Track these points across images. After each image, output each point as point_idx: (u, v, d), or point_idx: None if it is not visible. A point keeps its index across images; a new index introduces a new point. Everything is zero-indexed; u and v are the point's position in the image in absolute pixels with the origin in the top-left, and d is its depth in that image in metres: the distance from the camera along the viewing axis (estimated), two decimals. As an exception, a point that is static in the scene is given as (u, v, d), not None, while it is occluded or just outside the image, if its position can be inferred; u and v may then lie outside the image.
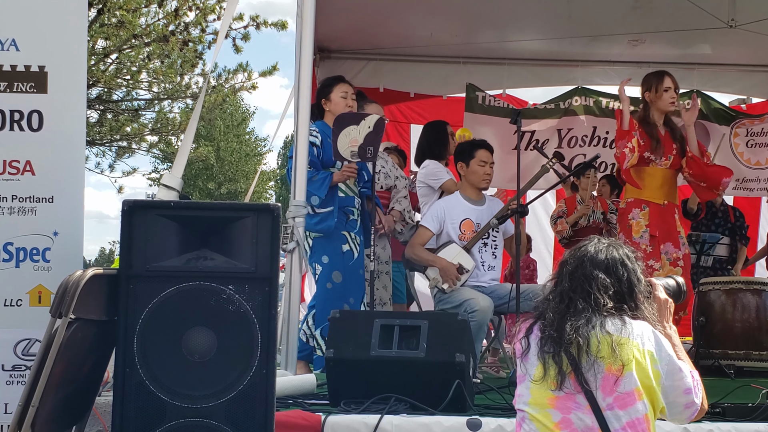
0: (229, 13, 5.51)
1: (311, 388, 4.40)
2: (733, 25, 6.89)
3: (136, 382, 3.32)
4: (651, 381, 2.66)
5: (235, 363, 3.32)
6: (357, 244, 5.42)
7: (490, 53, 8.34)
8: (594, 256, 2.78)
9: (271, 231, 3.38)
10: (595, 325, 2.66)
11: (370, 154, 5.12)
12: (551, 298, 2.79)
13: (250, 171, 33.20)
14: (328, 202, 5.26)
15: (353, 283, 5.35)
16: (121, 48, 12.09)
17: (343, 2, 6.95)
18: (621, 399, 2.62)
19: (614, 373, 2.62)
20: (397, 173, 6.22)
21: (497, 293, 5.38)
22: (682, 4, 6.70)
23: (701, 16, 6.87)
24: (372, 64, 8.39)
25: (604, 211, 7.77)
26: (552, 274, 2.90)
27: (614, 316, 2.70)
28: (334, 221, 5.28)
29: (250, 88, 13.11)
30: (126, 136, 13.36)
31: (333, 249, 5.27)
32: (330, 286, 5.23)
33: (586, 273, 2.75)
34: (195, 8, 12.04)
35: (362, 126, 5.10)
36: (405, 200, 6.12)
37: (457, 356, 3.93)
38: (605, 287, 2.73)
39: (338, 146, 5.06)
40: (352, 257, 5.37)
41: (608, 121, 8.54)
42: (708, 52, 8.19)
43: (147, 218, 3.38)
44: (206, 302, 3.33)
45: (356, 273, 5.39)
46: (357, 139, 5.08)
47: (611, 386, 2.62)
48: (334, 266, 5.26)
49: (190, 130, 4.74)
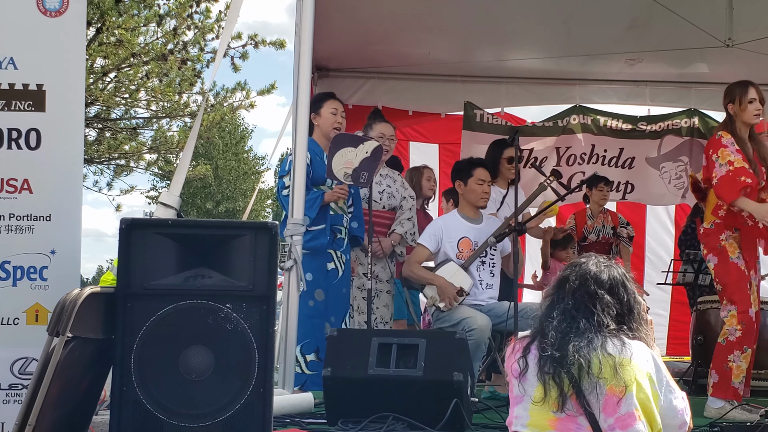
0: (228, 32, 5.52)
1: (309, 407, 4.38)
2: (730, 45, 6.91)
3: (133, 401, 3.32)
4: (650, 402, 2.66)
5: (233, 382, 3.32)
6: (342, 263, 5.41)
7: (488, 72, 8.37)
8: (597, 275, 2.76)
9: (269, 249, 3.38)
10: (597, 347, 2.64)
11: (364, 179, 5.10)
12: (554, 317, 2.75)
13: (248, 189, 33.19)
14: (320, 220, 5.26)
15: (335, 301, 5.34)
16: (119, 66, 12.12)
17: (341, 21, 6.97)
18: (622, 420, 2.61)
19: (616, 395, 2.61)
20: (405, 193, 6.12)
21: (495, 312, 5.36)
22: (679, 24, 6.72)
23: (698, 36, 6.89)
24: (370, 83, 8.41)
25: (615, 225, 7.75)
26: (548, 290, 2.88)
27: (614, 336, 2.69)
28: (326, 239, 5.28)
29: (248, 107, 13.16)
30: (124, 154, 13.36)
31: (317, 266, 5.26)
32: (312, 304, 5.21)
33: (590, 292, 2.73)
34: (194, 27, 12.09)
35: (360, 150, 5.08)
36: (408, 222, 6.03)
37: (455, 375, 3.92)
38: (609, 307, 2.72)
39: (333, 165, 5.04)
40: (336, 275, 5.36)
41: (606, 139, 8.59)
42: (705, 71, 8.22)
43: (145, 236, 3.38)
44: (204, 321, 3.33)
45: (339, 291, 5.38)
46: (352, 161, 5.06)
47: (613, 407, 2.60)
48: (318, 284, 5.25)
49: (188, 148, 4.74)
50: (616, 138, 8.59)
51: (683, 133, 8.54)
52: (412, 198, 6.22)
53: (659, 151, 8.60)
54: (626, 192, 8.65)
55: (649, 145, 8.60)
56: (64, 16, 4.08)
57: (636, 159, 8.59)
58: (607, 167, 8.53)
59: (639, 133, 8.59)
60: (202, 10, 11.91)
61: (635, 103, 8.83)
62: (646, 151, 8.60)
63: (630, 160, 8.60)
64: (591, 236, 7.58)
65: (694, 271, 7.11)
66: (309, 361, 5.15)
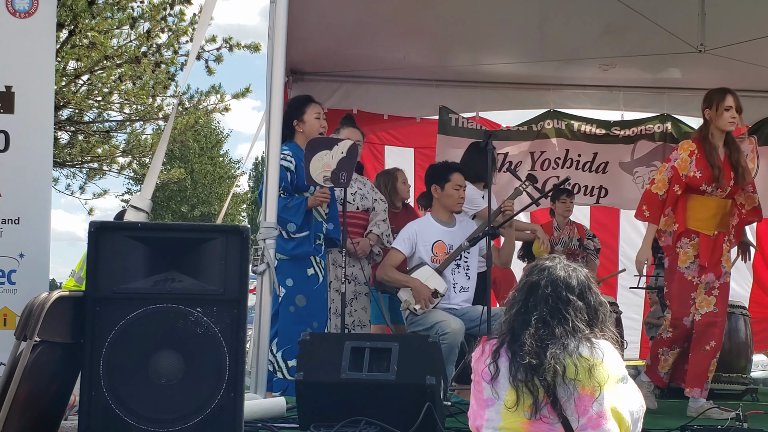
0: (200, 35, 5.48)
1: (281, 412, 4.36)
2: (703, 50, 6.96)
3: (102, 406, 3.29)
4: (620, 401, 2.69)
5: (203, 386, 3.29)
6: (322, 269, 5.39)
7: (463, 76, 8.38)
8: (567, 280, 2.78)
9: (240, 253, 3.37)
10: (572, 352, 2.66)
11: (343, 179, 5.08)
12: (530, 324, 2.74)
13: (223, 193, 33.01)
14: (305, 227, 5.24)
15: (317, 307, 5.31)
16: (92, 69, 12.03)
17: (315, 24, 6.96)
18: (593, 420, 2.63)
19: (589, 395, 2.63)
20: (376, 196, 6.14)
21: (469, 315, 5.36)
22: (652, 29, 6.77)
23: (671, 41, 6.94)
24: (345, 86, 8.40)
25: (581, 237, 7.79)
26: (517, 294, 2.86)
27: (586, 339, 2.71)
28: (311, 247, 5.27)
29: (222, 110, 13.10)
30: (97, 157, 13.25)
31: (298, 272, 5.23)
32: (293, 310, 5.19)
33: (562, 298, 2.75)
34: (167, 30, 12.03)
35: (335, 151, 5.07)
36: (384, 223, 6.03)
37: (428, 379, 3.91)
38: (581, 312, 2.75)
39: (311, 171, 5.02)
40: (317, 281, 5.33)
41: (580, 144, 8.62)
42: (678, 77, 8.28)
43: (114, 240, 3.36)
44: (174, 325, 3.30)
45: (321, 297, 5.36)
46: (330, 164, 5.04)
47: (585, 407, 2.63)
48: (299, 290, 5.22)
49: (160, 151, 4.71)
50: (590, 143, 8.62)
51: (656, 138, 8.59)
52: (383, 201, 6.21)
53: (632, 156, 8.64)
54: (600, 196, 8.68)
55: (622, 150, 8.65)
56: (33, 17, 4.04)
57: (610, 164, 8.63)
58: (581, 172, 8.56)
59: (612, 138, 8.63)
60: (176, 12, 11.85)
61: (609, 108, 8.88)
62: (620, 156, 8.64)
63: (604, 165, 8.63)
64: (558, 247, 7.61)
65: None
66: (290, 367, 5.11)
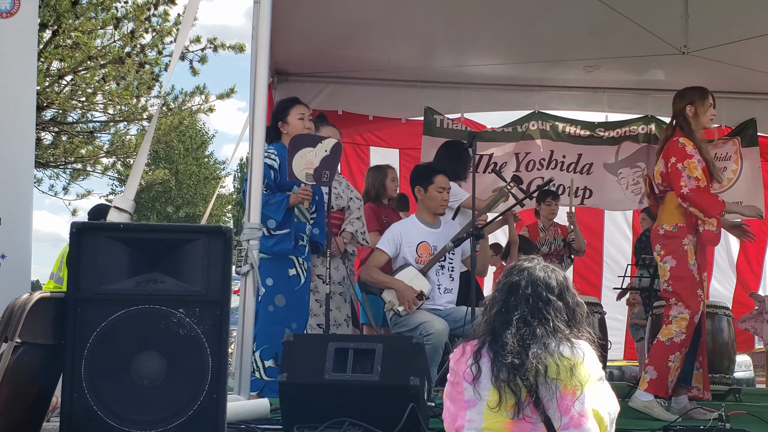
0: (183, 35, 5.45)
1: (264, 413, 4.34)
2: (686, 52, 7.00)
3: (84, 408, 3.27)
4: (599, 401, 2.72)
5: (186, 387, 3.28)
6: (304, 270, 5.37)
7: (448, 77, 8.40)
8: (547, 281, 2.81)
9: (223, 254, 3.36)
10: (553, 351, 2.68)
11: (326, 177, 5.07)
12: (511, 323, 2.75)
13: (209, 194, 32.93)
14: (285, 225, 5.22)
15: (297, 308, 5.28)
16: (76, 69, 11.98)
17: (300, 25, 6.95)
18: (575, 419, 2.65)
19: (571, 394, 2.65)
20: (351, 194, 6.16)
21: (453, 316, 5.36)
22: (636, 31, 6.80)
23: (655, 43, 6.98)
24: (330, 87, 8.40)
25: (564, 237, 7.82)
26: (497, 294, 2.86)
27: (566, 339, 2.74)
28: (291, 244, 5.23)
29: (207, 111, 13.07)
30: (81, 158, 13.19)
31: (279, 272, 5.20)
32: (272, 309, 5.15)
33: (542, 298, 2.77)
34: (152, 30, 11.99)
35: (318, 149, 5.05)
36: (358, 221, 6.05)
37: (412, 380, 3.90)
38: (560, 312, 2.77)
39: (293, 168, 5.01)
40: (298, 282, 5.30)
41: (565, 145, 8.66)
42: (662, 78, 8.32)
43: (96, 240, 3.34)
44: (156, 326, 3.29)
45: (302, 298, 5.32)
46: (313, 161, 5.03)
47: (568, 406, 2.64)
48: (279, 290, 5.19)
49: (143, 152, 4.69)
50: (575, 144, 8.67)
51: (640, 139, 8.64)
52: (359, 199, 6.24)
53: (617, 157, 8.70)
54: (584, 197, 8.72)
55: (606, 151, 8.70)
56: (15, 17, 4.02)
57: (594, 165, 8.68)
58: (566, 173, 8.59)
59: (597, 140, 8.69)
60: (160, 13, 11.81)
61: (593, 110, 8.92)
62: (604, 157, 8.69)
63: (588, 166, 8.68)
64: (543, 248, 7.64)
65: (650, 276, 7.17)
66: (267, 367, 5.08)
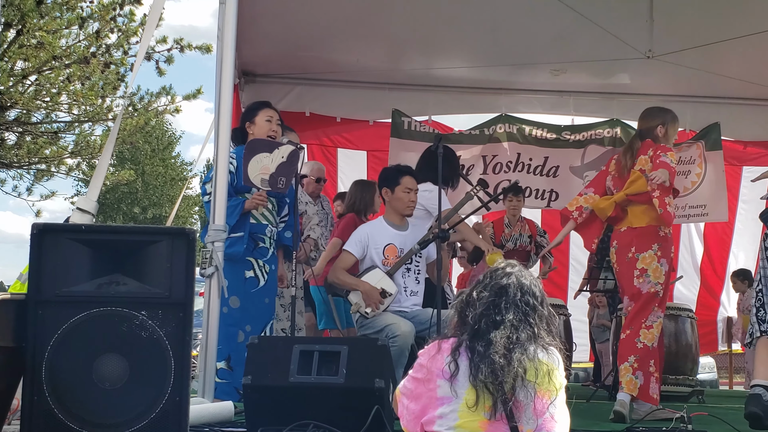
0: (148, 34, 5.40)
1: (229, 416, 4.31)
2: (651, 56, 7.08)
3: (45, 411, 3.24)
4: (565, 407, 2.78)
5: (148, 390, 3.26)
6: (265, 272, 5.33)
7: (416, 80, 8.42)
8: (532, 288, 2.86)
9: (187, 256, 3.33)
10: (533, 356, 2.73)
11: (282, 184, 5.02)
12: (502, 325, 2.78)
13: (176, 195, 32.74)
14: (239, 228, 5.18)
15: (254, 310, 5.23)
16: (40, 69, 11.86)
17: (267, 26, 6.93)
18: (548, 422, 2.70)
19: (546, 397, 2.70)
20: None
21: (419, 318, 5.37)
22: (602, 36, 6.86)
23: (620, 47, 7.04)
24: (298, 89, 8.39)
25: (532, 234, 7.85)
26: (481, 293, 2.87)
27: (545, 345, 2.81)
28: (243, 247, 5.18)
29: (173, 112, 13.00)
30: (45, 159, 13.06)
31: (234, 274, 5.14)
32: (225, 311, 5.08)
33: (530, 304, 2.83)
34: (117, 30, 11.91)
35: (275, 155, 5.00)
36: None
37: (377, 382, 3.90)
38: (543, 319, 2.84)
39: (248, 172, 4.95)
40: (256, 284, 5.25)
41: (531, 148, 8.70)
42: (627, 82, 8.41)
43: (58, 242, 3.30)
44: (118, 328, 3.26)
45: (260, 301, 5.27)
46: (269, 167, 4.98)
47: (542, 409, 2.69)
48: (233, 291, 5.12)
49: (106, 152, 4.64)
50: (541, 147, 8.72)
51: (606, 142, 8.71)
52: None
53: (583, 161, 8.75)
54: (551, 200, 8.78)
55: (573, 155, 8.75)
56: (-24, 15, 3.96)
57: (560, 168, 8.73)
58: (533, 175, 8.65)
59: (563, 143, 8.74)
60: (125, 13, 11.74)
61: (559, 113, 8.99)
62: (570, 160, 8.74)
63: (554, 169, 8.73)
64: (508, 244, 7.68)
65: (614, 278, 7.21)
66: (218, 369, 4.99)
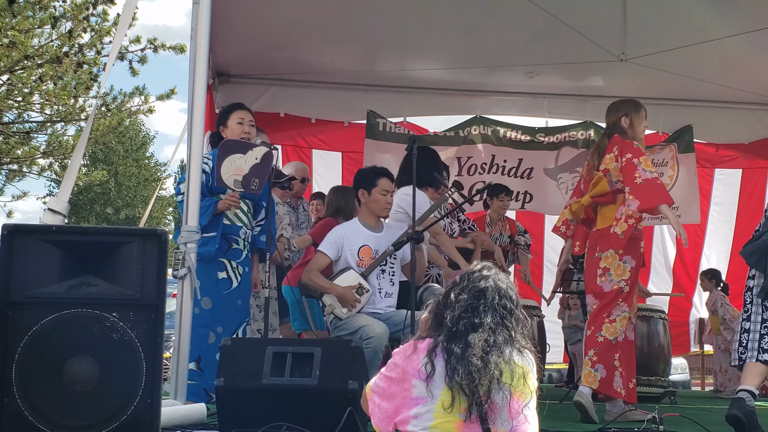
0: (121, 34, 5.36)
1: (201, 418, 4.30)
2: (624, 59, 7.13)
3: (15, 413, 3.21)
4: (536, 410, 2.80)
5: (119, 392, 3.24)
6: (239, 274, 5.31)
7: (391, 81, 8.42)
8: (509, 292, 2.87)
9: (158, 257, 3.32)
10: (509, 359, 2.75)
11: (255, 185, 5.01)
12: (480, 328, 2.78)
13: (149, 196, 32.53)
14: (211, 228, 5.16)
15: (226, 312, 5.23)
16: (12, 69, 11.75)
17: (242, 27, 6.91)
18: (522, 424, 2.72)
19: (521, 399, 2.72)
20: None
21: (393, 320, 5.37)
22: (576, 38, 6.89)
23: (594, 50, 7.09)
24: (273, 89, 8.36)
25: (512, 234, 7.87)
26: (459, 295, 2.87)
27: (520, 348, 2.82)
28: (215, 247, 5.17)
29: (146, 112, 12.92)
30: (17, 159, 12.94)
31: (206, 275, 5.13)
32: (197, 311, 5.07)
33: (507, 308, 2.84)
34: (90, 30, 11.80)
35: (249, 156, 4.99)
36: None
37: (350, 383, 3.90)
38: (519, 323, 2.85)
39: (222, 173, 4.94)
40: (228, 286, 5.25)
41: (506, 150, 8.74)
42: (601, 85, 8.46)
43: (28, 243, 3.28)
44: (89, 330, 3.24)
45: (232, 302, 5.26)
46: (242, 168, 4.97)
47: (517, 411, 2.71)
48: (205, 292, 5.11)
49: (78, 153, 4.60)
50: (516, 149, 8.76)
51: (579, 144, 8.77)
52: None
53: (557, 162, 8.80)
54: (525, 202, 8.82)
55: (547, 156, 8.80)
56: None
57: (534, 169, 8.78)
58: (507, 177, 8.68)
59: (537, 145, 8.78)
60: (99, 12, 11.62)
61: (534, 115, 9.03)
62: (544, 162, 8.79)
63: (529, 171, 8.77)
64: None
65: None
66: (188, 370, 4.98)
